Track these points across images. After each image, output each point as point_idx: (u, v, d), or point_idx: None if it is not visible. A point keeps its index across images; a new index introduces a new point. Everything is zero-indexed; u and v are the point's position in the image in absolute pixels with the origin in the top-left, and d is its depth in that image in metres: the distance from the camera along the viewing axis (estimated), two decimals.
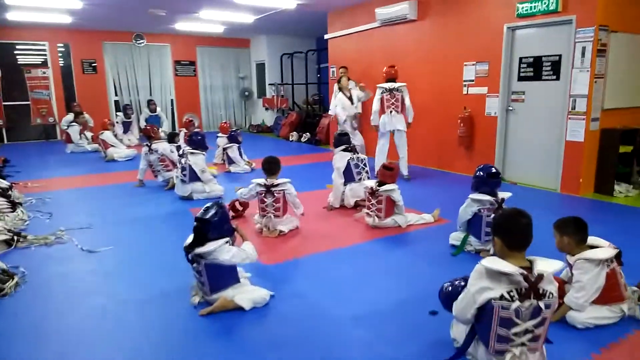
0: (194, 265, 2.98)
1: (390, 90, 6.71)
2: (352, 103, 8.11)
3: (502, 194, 3.82)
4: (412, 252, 3.99)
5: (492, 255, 3.72)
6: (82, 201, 5.94)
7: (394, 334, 2.68)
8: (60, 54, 12.20)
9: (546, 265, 2.06)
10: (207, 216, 2.94)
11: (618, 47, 5.61)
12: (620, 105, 5.79)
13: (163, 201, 5.85)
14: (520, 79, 6.29)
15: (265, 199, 4.42)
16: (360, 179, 5.24)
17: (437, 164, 7.70)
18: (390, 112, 6.72)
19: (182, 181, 5.83)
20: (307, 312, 2.95)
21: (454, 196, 5.75)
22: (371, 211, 4.59)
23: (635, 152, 5.82)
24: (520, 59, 6.24)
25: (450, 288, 2.45)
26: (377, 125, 6.88)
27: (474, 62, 6.82)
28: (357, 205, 5.20)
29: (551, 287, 2.07)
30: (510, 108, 6.49)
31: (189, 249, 2.97)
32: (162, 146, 6.54)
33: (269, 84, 13.72)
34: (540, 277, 2.02)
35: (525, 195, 5.70)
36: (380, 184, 4.55)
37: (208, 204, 3.06)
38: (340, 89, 8.03)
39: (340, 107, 7.96)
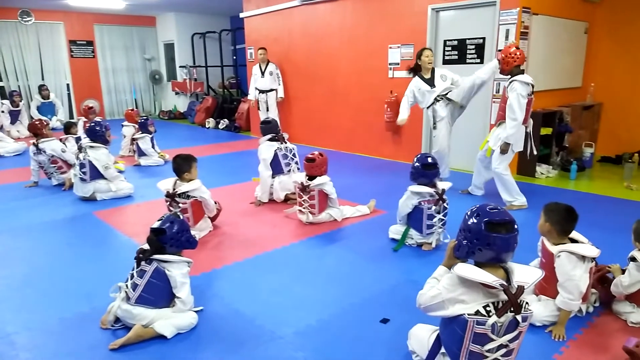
0: (143, 263, 2.58)
1: (533, 87, 4.48)
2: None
3: (442, 184, 3.64)
4: (351, 249, 3.69)
5: (434, 248, 3.64)
6: None
7: (343, 352, 2.36)
8: None
9: (526, 276, 1.83)
10: (164, 225, 2.64)
11: (539, 30, 5.66)
12: (541, 87, 5.86)
13: (61, 203, 5.06)
14: (445, 62, 6.18)
15: (172, 208, 3.86)
16: (289, 171, 4.85)
17: (364, 150, 7.51)
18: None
19: (82, 180, 5.04)
20: (242, 334, 2.53)
21: (386, 183, 5.62)
22: (304, 208, 4.23)
23: (555, 134, 5.98)
24: (445, 41, 6.14)
25: None
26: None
27: (399, 45, 6.64)
28: (288, 199, 4.82)
29: (527, 298, 1.85)
30: None
31: (143, 253, 2.63)
32: (51, 145, 5.54)
33: (180, 67, 12.78)
34: (521, 289, 1.79)
35: (452, 179, 5.54)
36: (311, 177, 4.19)
37: (163, 215, 2.72)
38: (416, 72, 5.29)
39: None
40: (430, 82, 5.20)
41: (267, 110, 8.53)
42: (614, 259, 2.93)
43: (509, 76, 4.45)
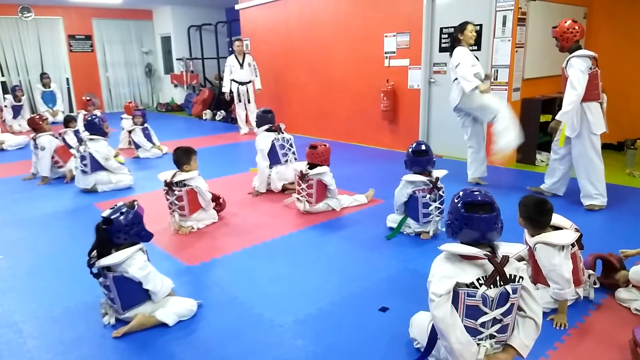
0: (100, 279, 2.50)
1: (596, 60, 4.08)
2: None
3: (437, 172, 3.63)
4: (349, 239, 3.71)
5: (432, 236, 3.66)
6: None
7: (343, 339, 2.39)
8: None
9: (511, 248, 1.95)
10: (113, 216, 2.46)
11: (536, 16, 5.63)
12: (539, 74, 5.87)
13: (62, 196, 5.10)
14: (442, 50, 6.16)
15: (168, 196, 3.90)
16: (287, 161, 4.87)
17: (361, 139, 7.51)
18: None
19: (83, 172, 5.08)
20: (241, 322, 2.57)
21: (384, 173, 5.63)
22: (301, 196, 4.25)
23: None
24: (441, 29, 6.11)
25: None
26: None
27: (395, 33, 6.62)
28: (285, 189, 4.85)
29: (519, 272, 1.90)
30: (433, 80, 6.40)
31: (92, 258, 2.47)
32: (47, 140, 5.55)
33: (177, 59, 12.75)
34: (506, 258, 1.85)
35: (451, 168, 5.55)
36: (311, 166, 4.21)
37: (119, 203, 2.58)
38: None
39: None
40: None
41: (248, 102, 8.61)
42: (617, 245, 2.94)
43: (568, 53, 4.13)
